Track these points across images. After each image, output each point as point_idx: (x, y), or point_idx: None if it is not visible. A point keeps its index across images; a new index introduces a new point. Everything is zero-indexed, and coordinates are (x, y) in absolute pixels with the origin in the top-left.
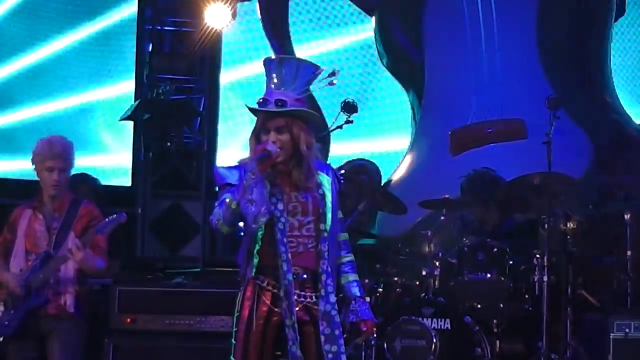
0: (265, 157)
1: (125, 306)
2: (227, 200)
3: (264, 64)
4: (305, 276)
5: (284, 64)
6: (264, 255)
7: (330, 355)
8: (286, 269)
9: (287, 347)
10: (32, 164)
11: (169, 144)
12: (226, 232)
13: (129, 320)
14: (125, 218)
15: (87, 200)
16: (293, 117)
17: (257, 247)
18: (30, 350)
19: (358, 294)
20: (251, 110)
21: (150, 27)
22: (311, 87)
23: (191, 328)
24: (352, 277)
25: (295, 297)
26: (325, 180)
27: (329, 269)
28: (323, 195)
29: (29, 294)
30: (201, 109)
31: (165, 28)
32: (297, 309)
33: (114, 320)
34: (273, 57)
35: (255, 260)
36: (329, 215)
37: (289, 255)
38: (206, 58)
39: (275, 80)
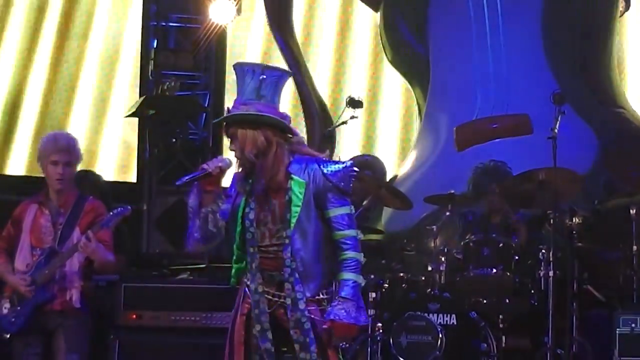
0: (198, 177)
1: (131, 302)
2: None
3: None
4: (282, 277)
5: (235, 72)
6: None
7: None
8: (251, 279)
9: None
10: (38, 160)
11: (174, 140)
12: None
13: (134, 316)
14: (130, 211)
15: (93, 197)
16: (237, 122)
17: (234, 257)
18: (36, 346)
19: (342, 293)
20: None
21: (155, 23)
22: (256, 88)
23: (196, 324)
24: (345, 275)
25: (270, 296)
26: (297, 184)
27: (296, 275)
28: (289, 201)
29: (34, 290)
30: (206, 105)
31: (170, 24)
32: (273, 309)
33: (119, 317)
34: (233, 64)
35: (233, 271)
36: (293, 222)
37: (255, 264)
38: (211, 54)
39: (237, 89)
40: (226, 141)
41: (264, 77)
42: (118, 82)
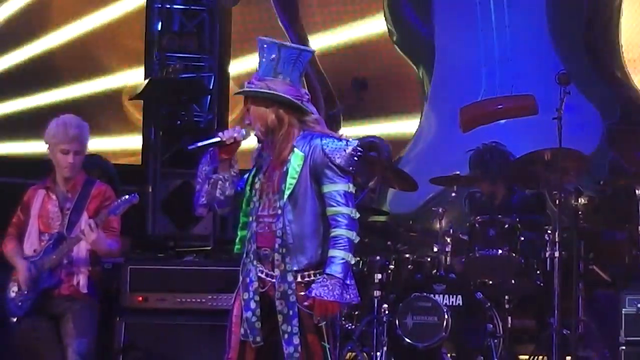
0: (210, 144)
1: (137, 285)
2: None
3: None
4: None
5: (258, 46)
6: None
7: (285, 336)
8: (247, 248)
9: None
10: (46, 144)
11: (179, 122)
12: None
13: (140, 298)
14: (138, 199)
15: (101, 181)
16: (253, 98)
17: (240, 224)
18: (43, 331)
19: (327, 269)
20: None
21: (160, 5)
22: (274, 66)
23: (202, 306)
24: (332, 252)
25: (264, 275)
26: (296, 157)
27: (286, 248)
28: (286, 172)
29: (42, 275)
30: (211, 88)
31: (175, 6)
32: (266, 288)
33: (125, 299)
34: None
35: (237, 238)
36: (287, 193)
37: (252, 232)
38: (216, 36)
39: (258, 64)
40: (231, 121)
41: (280, 55)
42: (123, 64)
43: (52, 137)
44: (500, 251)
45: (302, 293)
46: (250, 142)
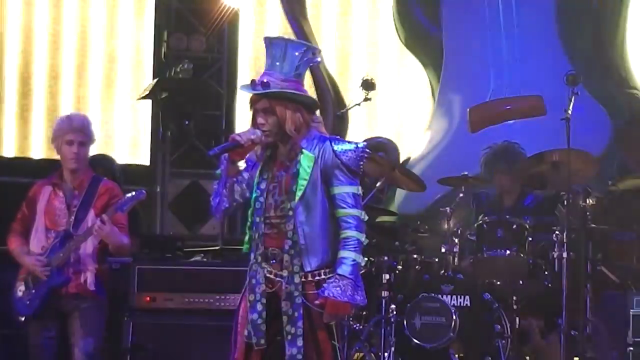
0: (230, 147)
1: (145, 285)
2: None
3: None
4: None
5: (273, 44)
6: None
7: (289, 337)
8: (253, 249)
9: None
10: (53, 141)
11: (187, 122)
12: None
13: (148, 298)
14: (145, 195)
15: (107, 178)
16: (277, 98)
17: (248, 223)
18: (51, 330)
19: (339, 270)
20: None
21: (168, 5)
22: (297, 66)
23: (210, 306)
24: (343, 253)
25: (273, 275)
26: (306, 158)
27: (297, 248)
28: (296, 173)
29: (50, 272)
30: (219, 87)
31: (183, 6)
32: (275, 288)
33: (133, 299)
34: (267, 36)
35: (247, 237)
36: (299, 194)
37: (258, 235)
38: (224, 36)
39: (268, 61)
40: (239, 121)
41: (287, 51)
42: (130, 64)
43: (57, 130)
44: (508, 252)
45: (312, 292)
46: None
